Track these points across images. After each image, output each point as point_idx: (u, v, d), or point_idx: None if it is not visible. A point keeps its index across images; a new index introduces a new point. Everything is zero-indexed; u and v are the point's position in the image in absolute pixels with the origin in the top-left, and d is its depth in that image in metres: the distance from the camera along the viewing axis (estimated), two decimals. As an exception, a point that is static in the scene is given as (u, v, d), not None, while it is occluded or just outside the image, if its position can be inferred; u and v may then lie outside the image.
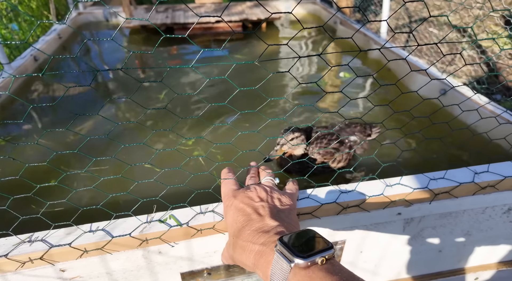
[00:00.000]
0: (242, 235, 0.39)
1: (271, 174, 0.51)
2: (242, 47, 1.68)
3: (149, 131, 0.95)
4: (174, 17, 1.73)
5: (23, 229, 0.46)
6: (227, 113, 1.03)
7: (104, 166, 0.84)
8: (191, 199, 0.50)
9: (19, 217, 0.45)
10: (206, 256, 0.52)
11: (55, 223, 0.45)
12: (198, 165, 0.85)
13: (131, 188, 0.54)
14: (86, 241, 0.45)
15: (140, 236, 0.46)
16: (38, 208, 0.69)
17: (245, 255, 0.38)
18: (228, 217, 0.44)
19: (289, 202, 0.45)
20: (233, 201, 0.45)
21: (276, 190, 0.47)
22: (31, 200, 0.69)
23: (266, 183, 0.49)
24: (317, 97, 1.15)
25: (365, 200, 0.52)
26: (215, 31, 1.78)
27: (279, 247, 0.34)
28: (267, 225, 0.39)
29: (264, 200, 0.44)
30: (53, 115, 1.03)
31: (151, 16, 1.76)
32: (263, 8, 1.98)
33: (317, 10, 2.16)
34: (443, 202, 0.55)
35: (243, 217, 0.41)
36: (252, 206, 0.42)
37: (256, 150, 0.52)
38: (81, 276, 0.48)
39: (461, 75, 1.86)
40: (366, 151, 0.80)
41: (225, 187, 0.49)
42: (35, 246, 0.44)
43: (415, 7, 2.87)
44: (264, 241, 0.37)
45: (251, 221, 0.40)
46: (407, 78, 1.21)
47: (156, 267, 0.51)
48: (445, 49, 2.16)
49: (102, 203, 0.48)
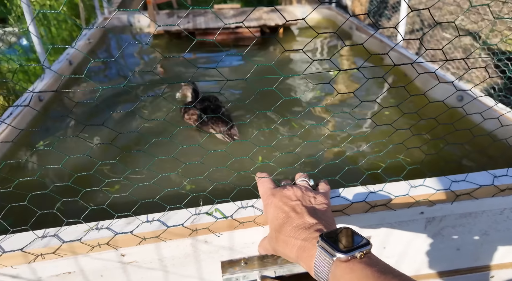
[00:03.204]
0: (284, 231, 0.44)
1: (305, 175, 0.56)
2: (259, 52, 1.74)
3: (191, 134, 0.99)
4: (195, 23, 1.80)
5: (90, 218, 0.52)
6: (265, 118, 1.08)
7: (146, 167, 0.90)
8: (233, 195, 0.56)
9: (88, 207, 0.51)
10: (244, 246, 0.58)
11: (118, 213, 0.52)
12: (240, 165, 0.89)
13: (184, 183, 0.60)
14: (144, 230, 0.51)
15: (191, 226, 0.52)
16: (102, 200, 0.74)
17: (288, 249, 0.43)
18: (269, 213, 0.49)
19: (324, 200, 0.50)
20: (272, 199, 0.49)
21: (310, 189, 0.52)
22: (96, 192, 0.75)
23: (300, 183, 0.53)
24: (330, 98, 1.20)
25: (391, 200, 0.56)
26: (235, 36, 1.85)
27: (321, 243, 0.38)
28: (307, 222, 0.44)
29: (300, 199, 0.48)
30: (91, 114, 1.10)
31: (174, 21, 1.84)
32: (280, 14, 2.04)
33: (332, 15, 2.21)
34: (463, 203, 0.59)
35: (283, 214, 0.46)
36: (290, 204, 0.47)
37: (294, 152, 0.57)
38: (137, 261, 0.54)
39: (476, 81, 1.88)
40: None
41: (262, 186, 0.53)
42: (102, 233, 0.50)
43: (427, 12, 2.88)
44: (306, 237, 0.41)
45: (291, 218, 0.45)
46: (423, 83, 1.25)
47: (201, 255, 0.57)
48: (460, 54, 2.18)
49: (158, 197, 0.54)
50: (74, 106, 1.02)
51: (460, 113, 0.99)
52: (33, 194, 0.47)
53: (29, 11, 0.97)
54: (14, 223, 0.49)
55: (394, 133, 0.90)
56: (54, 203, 0.52)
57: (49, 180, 0.81)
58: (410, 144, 0.95)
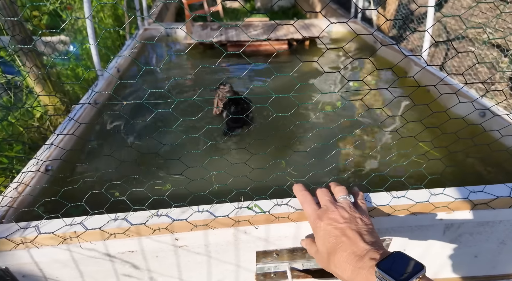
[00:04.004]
0: (338, 256, 0.46)
1: (345, 191, 0.56)
2: (286, 64, 1.83)
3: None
4: (227, 35, 1.93)
5: (150, 207, 0.62)
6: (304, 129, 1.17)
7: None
8: (270, 193, 0.64)
9: (151, 196, 0.61)
10: (278, 239, 0.66)
11: (175, 203, 0.61)
12: (277, 167, 0.97)
13: (229, 181, 0.70)
14: (196, 218, 0.60)
15: (234, 218, 0.61)
16: (158, 193, 0.83)
17: (341, 270, 0.46)
18: (318, 237, 0.51)
19: (368, 220, 0.51)
20: (320, 224, 0.51)
21: (354, 208, 0.53)
22: (150, 187, 0.85)
23: (343, 202, 0.54)
24: (351, 111, 1.26)
25: (412, 205, 0.63)
26: (264, 48, 1.95)
27: (379, 273, 0.40)
28: (360, 248, 0.45)
29: (348, 221, 0.49)
30: (136, 112, 1.21)
31: (207, 33, 1.97)
32: (307, 28, 2.12)
33: (358, 29, 2.27)
34: (481, 212, 0.64)
35: (334, 239, 0.48)
36: (339, 227, 0.49)
37: (326, 157, 0.65)
38: (187, 245, 0.63)
39: (500, 97, 1.88)
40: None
41: (307, 208, 0.55)
42: (162, 219, 0.60)
43: (453, 25, 2.88)
44: (362, 265, 0.43)
45: (343, 243, 0.47)
46: (446, 98, 1.29)
47: (240, 244, 0.65)
48: (484, 70, 2.18)
49: (208, 191, 0.63)
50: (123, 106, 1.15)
51: (481, 128, 1.03)
52: (110, 183, 0.58)
53: (91, 25, 1.12)
54: (91, 208, 0.60)
55: (417, 145, 0.95)
56: (123, 193, 0.63)
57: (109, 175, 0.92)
58: (431, 155, 1.00)
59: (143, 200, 0.63)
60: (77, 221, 0.58)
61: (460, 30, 2.74)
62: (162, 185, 0.82)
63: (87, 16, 1.09)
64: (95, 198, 0.62)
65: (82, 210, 0.62)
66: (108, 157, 0.81)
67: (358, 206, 0.55)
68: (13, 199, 0.68)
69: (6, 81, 1.52)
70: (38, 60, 1.43)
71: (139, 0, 2.04)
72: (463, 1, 2.88)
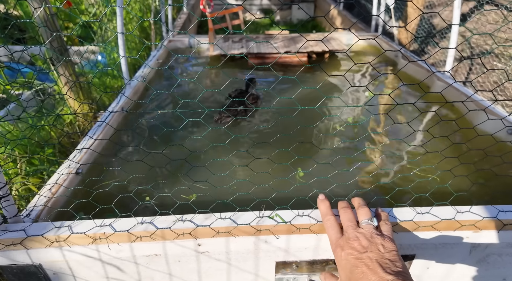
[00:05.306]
0: None
1: (368, 214, 0.55)
2: (306, 76, 1.85)
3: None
4: (248, 47, 1.98)
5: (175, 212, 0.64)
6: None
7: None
8: (291, 203, 0.65)
9: (177, 202, 0.63)
10: (298, 251, 0.66)
11: (199, 209, 0.63)
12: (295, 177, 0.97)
13: (252, 189, 0.71)
14: (219, 225, 0.61)
15: (256, 226, 0.61)
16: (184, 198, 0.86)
17: None
18: (340, 267, 0.51)
19: (392, 246, 0.49)
20: (341, 253, 0.51)
21: (376, 234, 0.51)
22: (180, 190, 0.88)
23: (365, 227, 0.53)
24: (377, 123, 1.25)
25: (437, 222, 0.61)
26: (282, 60, 1.99)
27: None
28: (381, 279, 0.44)
29: (368, 250, 0.48)
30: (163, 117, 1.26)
31: (229, 45, 2.03)
32: (326, 41, 2.14)
33: (380, 44, 2.27)
34: (511, 233, 0.62)
35: (355, 269, 0.47)
36: (360, 258, 0.48)
37: (349, 170, 0.65)
38: (208, 251, 0.64)
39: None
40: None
41: (330, 233, 0.55)
42: (186, 224, 0.61)
43: (477, 39, 2.82)
44: None
45: (365, 274, 0.46)
46: (473, 114, 1.26)
47: (260, 253, 0.66)
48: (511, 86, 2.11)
49: (230, 199, 0.65)
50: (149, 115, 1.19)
51: (509, 146, 1.00)
52: (139, 188, 0.60)
53: (122, 37, 1.18)
54: (118, 212, 0.63)
55: (442, 161, 0.94)
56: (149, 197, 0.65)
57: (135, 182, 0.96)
58: (458, 172, 0.97)
59: (170, 205, 0.65)
60: (107, 223, 0.61)
61: (484, 45, 2.68)
62: (188, 195, 0.84)
63: (119, 32, 1.16)
64: (122, 201, 0.65)
65: (111, 213, 0.64)
66: (136, 162, 0.84)
67: (382, 229, 0.54)
68: (47, 199, 0.72)
69: (40, 89, 1.62)
70: (71, 69, 1.52)
71: (165, 14, 2.14)
72: (488, 16, 2.83)
